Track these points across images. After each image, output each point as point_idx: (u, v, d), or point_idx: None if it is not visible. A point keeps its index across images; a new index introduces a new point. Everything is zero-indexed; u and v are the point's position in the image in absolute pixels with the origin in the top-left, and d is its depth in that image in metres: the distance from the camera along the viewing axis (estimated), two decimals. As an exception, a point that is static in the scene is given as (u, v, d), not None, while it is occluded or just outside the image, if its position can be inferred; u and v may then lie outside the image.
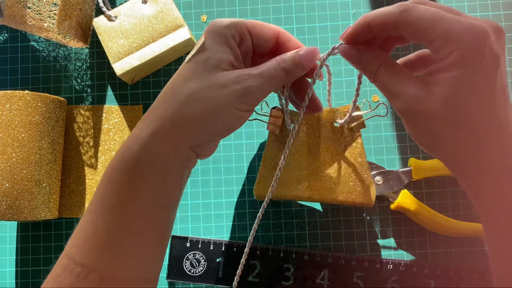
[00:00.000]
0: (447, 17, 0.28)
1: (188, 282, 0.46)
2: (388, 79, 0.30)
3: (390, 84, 0.30)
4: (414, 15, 0.28)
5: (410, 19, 0.28)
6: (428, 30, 0.28)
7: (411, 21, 0.28)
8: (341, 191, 0.42)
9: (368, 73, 0.32)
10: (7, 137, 0.43)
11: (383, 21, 0.29)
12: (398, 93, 0.29)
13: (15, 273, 0.48)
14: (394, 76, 0.30)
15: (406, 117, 0.30)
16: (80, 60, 0.51)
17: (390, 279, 0.45)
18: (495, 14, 0.49)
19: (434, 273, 0.44)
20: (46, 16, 0.44)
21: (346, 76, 0.49)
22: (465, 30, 0.27)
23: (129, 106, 0.50)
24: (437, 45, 0.28)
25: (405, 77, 0.30)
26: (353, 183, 0.42)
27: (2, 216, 0.42)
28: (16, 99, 0.44)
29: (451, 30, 0.27)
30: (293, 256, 0.45)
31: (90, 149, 0.49)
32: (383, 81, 0.31)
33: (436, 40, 0.28)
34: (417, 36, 0.29)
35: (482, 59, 0.27)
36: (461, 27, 0.27)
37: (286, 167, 0.43)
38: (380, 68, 0.31)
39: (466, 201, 0.47)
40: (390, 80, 0.30)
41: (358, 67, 0.33)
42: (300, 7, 0.50)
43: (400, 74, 0.30)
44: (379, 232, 0.47)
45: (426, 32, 0.28)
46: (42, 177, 0.44)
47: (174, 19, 0.46)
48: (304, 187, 0.42)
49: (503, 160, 0.28)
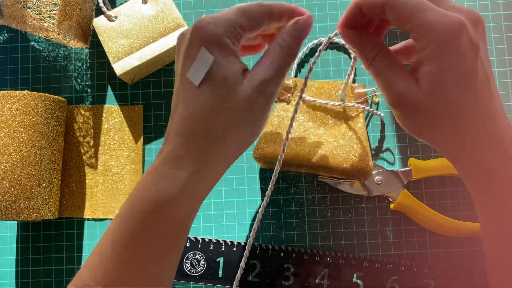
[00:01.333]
0: (427, 7, 0.28)
1: (188, 282, 0.46)
2: (383, 68, 0.31)
3: (384, 73, 0.30)
4: (399, 1, 0.28)
5: (395, 3, 0.29)
6: (409, 18, 0.28)
7: (395, 7, 0.29)
8: (340, 157, 0.43)
9: (365, 58, 0.32)
10: (7, 137, 0.43)
11: (371, 3, 0.30)
12: (390, 83, 0.30)
13: (15, 273, 0.48)
14: (389, 66, 0.31)
15: (395, 107, 0.31)
16: (80, 60, 0.51)
17: (390, 279, 0.45)
18: (495, 14, 0.49)
19: (434, 273, 0.44)
20: (46, 16, 0.44)
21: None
22: (441, 21, 0.27)
23: (129, 106, 0.50)
24: (416, 34, 0.29)
25: (399, 68, 0.30)
26: (353, 152, 0.43)
27: (2, 216, 0.42)
28: (16, 99, 0.44)
29: (427, 20, 0.28)
30: (293, 256, 0.45)
31: (90, 149, 0.49)
32: (378, 69, 0.31)
33: (415, 29, 0.28)
34: (400, 23, 0.29)
35: (458, 50, 0.27)
36: (437, 18, 0.27)
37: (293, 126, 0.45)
38: (378, 56, 0.31)
39: (466, 201, 0.47)
40: (385, 70, 0.30)
41: (357, 51, 0.33)
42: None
43: (395, 65, 0.31)
44: (379, 232, 0.47)
45: (407, 20, 0.28)
46: (42, 177, 0.44)
47: (174, 19, 0.46)
48: (305, 148, 0.43)
49: (494, 145, 0.29)
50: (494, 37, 0.49)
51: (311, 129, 0.45)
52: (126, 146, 0.49)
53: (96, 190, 0.49)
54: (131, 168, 0.49)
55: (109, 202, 0.48)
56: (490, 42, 0.48)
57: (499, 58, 0.48)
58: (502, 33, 0.49)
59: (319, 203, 0.47)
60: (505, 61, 0.48)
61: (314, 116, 0.46)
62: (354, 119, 0.45)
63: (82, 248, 0.48)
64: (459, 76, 0.28)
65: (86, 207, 0.49)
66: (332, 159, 0.43)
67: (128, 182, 0.49)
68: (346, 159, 0.43)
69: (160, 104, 0.50)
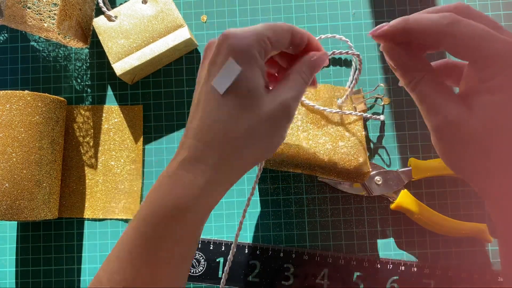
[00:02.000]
0: (494, 37, 0.26)
1: (188, 282, 0.46)
2: (430, 92, 0.29)
3: (431, 97, 0.28)
4: (462, 31, 0.27)
5: (457, 34, 0.27)
6: (474, 49, 0.26)
7: (458, 37, 0.27)
8: (338, 158, 0.43)
9: (408, 80, 0.30)
10: (7, 137, 0.43)
11: (426, 30, 0.28)
12: (438, 108, 0.28)
13: (15, 273, 0.48)
14: (437, 89, 0.28)
15: (440, 135, 0.28)
16: (80, 60, 0.51)
17: (390, 279, 0.45)
18: (495, 14, 0.49)
19: (434, 273, 0.44)
20: (46, 16, 0.44)
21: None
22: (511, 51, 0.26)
23: (129, 106, 0.50)
24: (482, 64, 0.27)
25: (447, 93, 0.28)
26: (351, 154, 0.43)
27: (2, 216, 0.42)
28: (16, 99, 0.44)
29: (498, 51, 0.26)
30: (293, 256, 0.45)
31: (90, 149, 0.49)
32: (424, 93, 0.29)
33: (480, 59, 0.27)
34: (461, 54, 0.27)
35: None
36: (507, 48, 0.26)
37: (291, 127, 0.45)
38: (424, 78, 0.29)
39: (466, 201, 0.47)
40: (433, 94, 0.28)
41: (400, 70, 0.30)
42: (300, 7, 0.50)
43: (443, 89, 0.28)
44: (379, 232, 0.47)
45: (471, 51, 0.27)
46: (42, 177, 0.44)
47: (174, 19, 0.46)
48: (304, 148, 0.43)
49: None
50: (494, 37, 0.49)
51: (310, 130, 0.45)
52: (126, 146, 0.49)
53: (96, 190, 0.49)
54: (131, 168, 0.49)
55: (109, 202, 0.48)
56: (490, 42, 0.48)
57: (499, 58, 0.48)
58: (502, 33, 0.49)
59: (319, 203, 0.47)
60: None
61: (313, 117, 0.46)
62: (353, 121, 0.45)
63: (82, 248, 0.48)
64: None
65: (86, 207, 0.49)
66: (330, 160, 0.43)
67: (128, 182, 0.49)
68: (343, 160, 0.43)
69: (160, 104, 0.50)
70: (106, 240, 0.48)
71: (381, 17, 0.49)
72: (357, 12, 0.49)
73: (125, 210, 0.48)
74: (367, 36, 0.49)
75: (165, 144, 0.49)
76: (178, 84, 0.50)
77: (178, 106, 0.49)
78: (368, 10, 0.49)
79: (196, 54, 0.50)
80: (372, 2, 0.50)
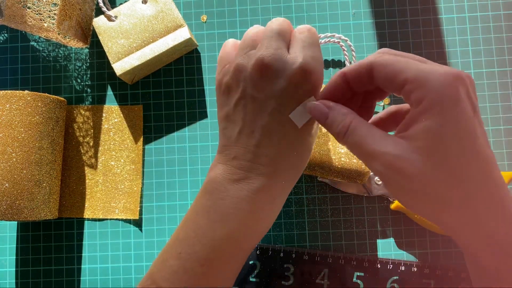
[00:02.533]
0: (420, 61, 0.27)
1: (188, 282, 0.46)
2: (361, 138, 0.27)
3: (364, 143, 0.27)
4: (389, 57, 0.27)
5: (384, 60, 0.27)
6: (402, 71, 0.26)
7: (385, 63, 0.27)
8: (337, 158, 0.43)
9: (337, 131, 0.29)
10: (7, 137, 0.43)
11: (359, 68, 0.29)
12: (375, 153, 0.26)
13: (15, 273, 0.48)
14: (368, 134, 0.27)
15: (387, 178, 0.27)
16: (80, 60, 0.51)
17: (390, 279, 0.45)
18: (495, 14, 0.49)
19: (434, 273, 0.44)
20: (46, 16, 0.44)
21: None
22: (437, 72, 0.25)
23: (129, 106, 0.50)
24: (410, 87, 0.26)
25: (380, 135, 0.27)
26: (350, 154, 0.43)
27: (2, 216, 0.42)
28: (16, 99, 0.44)
29: (423, 72, 0.26)
30: (293, 256, 0.45)
31: (90, 149, 0.49)
32: (356, 141, 0.28)
33: (409, 82, 0.26)
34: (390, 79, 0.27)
35: (458, 104, 0.25)
36: (433, 69, 0.26)
37: None
38: (351, 125, 0.28)
39: (466, 201, 0.47)
40: (365, 139, 0.27)
41: (327, 125, 0.30)
42: (300, 7, 0.50)
43: (374, 132, 0.27)
44: (379, 232, 0.47)
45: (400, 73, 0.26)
46: (42, 177, 0.44)
47: (174, 19, 0.46)
48: None
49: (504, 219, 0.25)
50: (494, 37, 0.49)
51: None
52: (126, 146, 0.49)
53: (96, 190, 0.49)
54: (131, 168, 0.49)
55: (109, 202, 0.48)
56: (490, 42, 0.48)
57: (499, 58, 0.48)
58: (502, 33, 0.49)
59: (319, 203, 0.47)
60: (505, 61, 0.48)
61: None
62: None
63: (82, 248, 0.48)
64: (462, 134, 0.25)
65: (86, 207, 0.49)
66: (329, 160, 0.43)
67: (128, 182, 0.49)
68: (343, 160, 0.43)
69: (160, 104, 0.50)
70: (106, 240, 0.48)
71: (381, 17, 0.49)
72: (357, 12, 0.49)
73: (125, 210, 0.48)
74: (367, 36, 0.49)
75: (165, 144, 0.49)
76: (178, 84, 0.50)
77: (178, 106, 0.49)
78: (368, 10, 0.49)
79: (196, 54, 0.50)
80: (372, 2, 0.50)
